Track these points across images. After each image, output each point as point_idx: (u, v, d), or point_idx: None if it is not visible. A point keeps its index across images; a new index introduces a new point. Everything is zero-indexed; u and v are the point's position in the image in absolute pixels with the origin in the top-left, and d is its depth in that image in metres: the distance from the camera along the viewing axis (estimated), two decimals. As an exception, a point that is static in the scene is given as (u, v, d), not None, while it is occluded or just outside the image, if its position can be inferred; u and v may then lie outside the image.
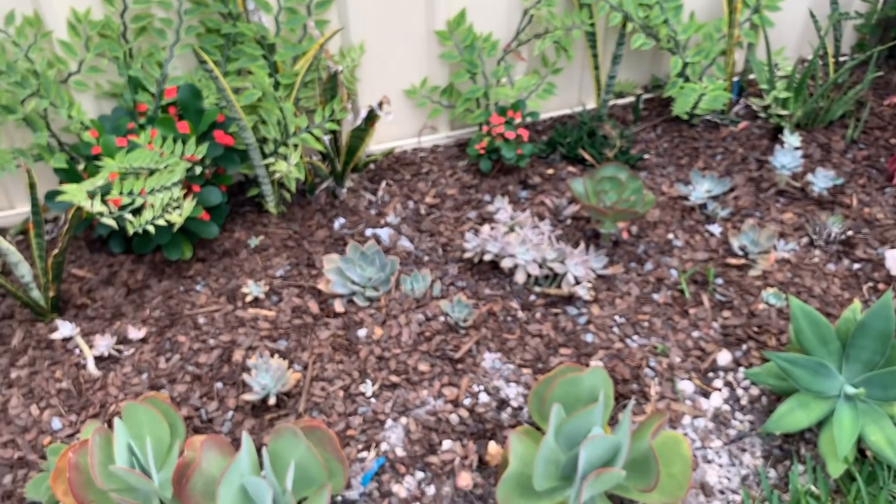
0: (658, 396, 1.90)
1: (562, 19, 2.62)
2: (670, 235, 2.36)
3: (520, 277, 2.10)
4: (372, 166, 2.66)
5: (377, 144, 2.72)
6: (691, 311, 2.12)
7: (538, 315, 2.09)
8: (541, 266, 2.11)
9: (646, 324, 2.08)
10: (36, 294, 2.08)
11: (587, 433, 1.61)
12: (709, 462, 1.79)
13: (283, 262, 2.29)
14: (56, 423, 1.87)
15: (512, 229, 2.21)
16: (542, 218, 2.38)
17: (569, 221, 2.39)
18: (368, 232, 2.37)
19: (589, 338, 2.03)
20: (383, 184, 2.57)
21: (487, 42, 2.59)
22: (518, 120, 2.54)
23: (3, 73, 2.10)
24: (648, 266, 2.25)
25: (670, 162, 2.70)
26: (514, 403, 1.87)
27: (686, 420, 1.86)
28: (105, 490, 1.57)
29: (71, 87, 2.24)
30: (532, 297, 2.13)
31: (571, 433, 1.63)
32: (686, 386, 1.93)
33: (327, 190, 2.51)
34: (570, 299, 2.12)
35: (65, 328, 2.01)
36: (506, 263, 2.09)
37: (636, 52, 2.87)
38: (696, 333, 2.06)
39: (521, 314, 2.09)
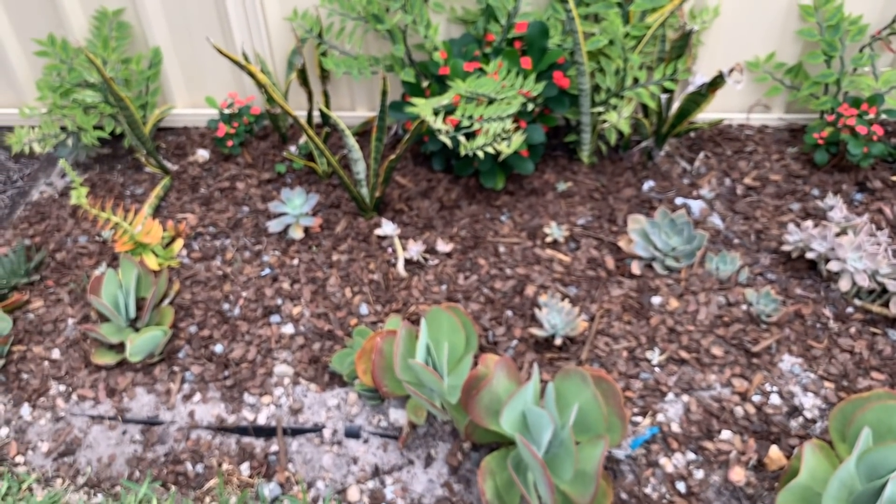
0: (982, 456, 1.66)
1: (955, 11, 2.29)
2: None
3: (843, 285, 1.92)
4: (692, 134, 2.55)
5: (702, 113, 2.60)
6: None
7: (853, 330, 1.90)
8: (870, 278, 1.91)
9: (983, 372, 1.81)
10: (364, 191, 2.29)
11: (895, 469, 1.46)
12: None
13: (586, 212, 2.30)
14: (363, 309, 2.06)
15: (843, 232, 2.01)
16: (878, 227, 2.14)
17: (908, 238, 2.14)
18: (679, 201, 2.29)
19: (909, 369, 1.82)
20: (701, 154, 2.46)
21: (855, 25, 2.34)
22: (872, 115, 2.28)
23: (379, -15, 2.30)
24: None
25: None
26: (808, 414, 1.74)
27: None
28: (400, 379, 1.72)
29: (431, 7, 2.38)
30: (849, 310, 1.95)
31: (876, 463, 1.49)
32: None
33: (643, 150, 2.46)
34: (895, 322, 1.91)
35: (387, 227, 2.20)
36: (832, 266, 1.92)
37: None
38: None
39: (832, 324, 1.92)
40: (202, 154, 2.64)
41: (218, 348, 2.00)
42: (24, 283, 2.23)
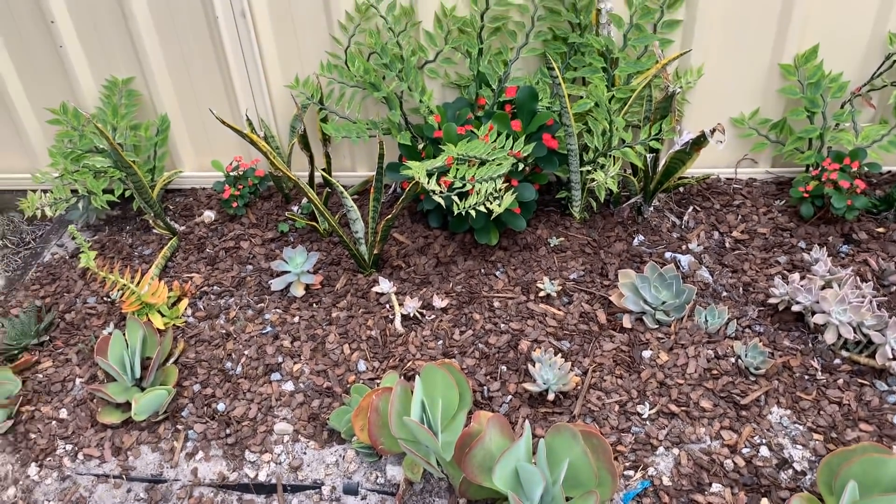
0: (970, 506, 1.68)
1: (931, 68, 2.37)
2: None
3: (829, 337, 1.96)
4: (681, 189, 2.63)
5: (690, 168, 2.68)
6: None
7: (840, 381, 1.94)
8: (855, 330, 1.95)
9: (970, 422, 1.84)
10: (363, 249, 2.36)
11: (881, 522, 1.49)
12: None
13: (578, 267, 2.36)
14: (361, 366, 2.12)
15: (829, 284, 2.07)
16: (863, 279, 2.19)
17: (894, 289, 2.18)
18: (668, 255, 2.36)
19: (896, 420, 1.85)
20: (690, 209, 2.53)
21: (835, 82, 2.42)
22: (855, 169, 2.35)
23: (377, 54, 2.40)
24: (984, 358, 1.98)
25: None
26: (798, 467, 1.77)
27: None
28: (396, 437, 1.76)
29: (425, 73, 2.49)
30: (836, 361, 1.99)
31: (862, 517, 1.52)
32: None
33: (633, 205, 2.53)
34: (882, 373, 1.94)
35: (384, 284, 2.27)
36: (817, 319, 1.97)
37: None
38: None
39: (820, 375, 1.96)
40: (209, 215, 2.73)
41: (220, 406, 2.06)
42: (33, 344, 2.30)
